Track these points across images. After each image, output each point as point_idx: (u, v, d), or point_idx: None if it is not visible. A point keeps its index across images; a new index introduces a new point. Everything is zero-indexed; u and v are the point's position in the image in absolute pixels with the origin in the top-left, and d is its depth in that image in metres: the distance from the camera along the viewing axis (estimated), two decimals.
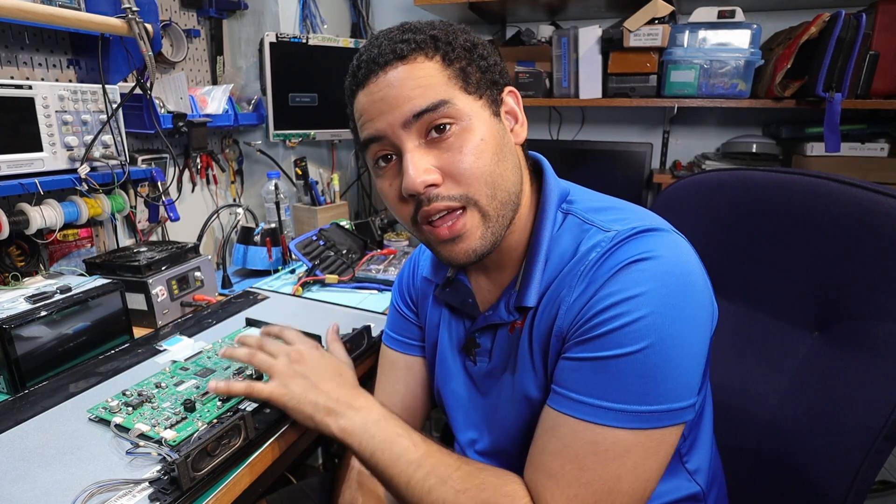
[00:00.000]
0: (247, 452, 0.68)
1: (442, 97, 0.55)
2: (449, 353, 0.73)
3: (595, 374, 0.52)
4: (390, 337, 0.83)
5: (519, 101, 0.63)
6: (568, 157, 1.82)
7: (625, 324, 0.51)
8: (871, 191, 0.66)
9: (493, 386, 0.69)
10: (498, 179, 0.57)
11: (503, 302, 0.65)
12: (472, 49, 0.59)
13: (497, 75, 0.60)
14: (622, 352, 0.51)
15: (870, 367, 0.63)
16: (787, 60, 1.41)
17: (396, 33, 0.58)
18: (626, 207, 0.63)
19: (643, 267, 0.52)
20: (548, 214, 0.62)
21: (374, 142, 0.58)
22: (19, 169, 1.01)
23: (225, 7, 1.58)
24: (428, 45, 0.56)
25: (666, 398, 0.51)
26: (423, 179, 0.55)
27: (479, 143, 0.56)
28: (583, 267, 0.56)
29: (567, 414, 0.53)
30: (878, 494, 1.49)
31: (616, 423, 0.51)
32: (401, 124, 0.55)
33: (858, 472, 0.61)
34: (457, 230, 0.57)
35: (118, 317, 0.97)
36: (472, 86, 0.57)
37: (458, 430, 0.75)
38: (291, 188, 1.75)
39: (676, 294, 0.52)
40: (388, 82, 0.55)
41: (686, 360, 0.52)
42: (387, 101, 0.56)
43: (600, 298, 0.53)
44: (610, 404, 0.51)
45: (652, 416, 0.51)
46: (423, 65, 0.56)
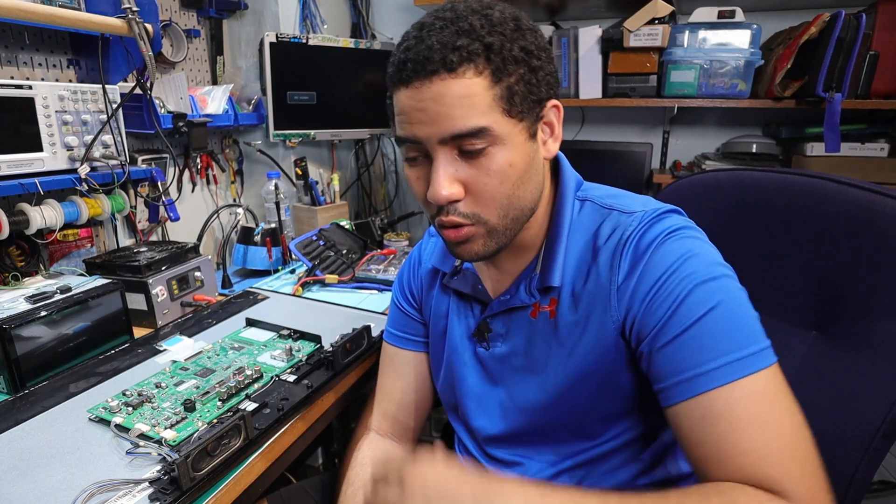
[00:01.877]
0: (247, 452, 0.68)
1: (482, 124, 0.54)
2: (459, 342, 0.75)
3: (700, 339, 0.53)
4: (391, 334, 0.84)
5: (560, 115, 0.62)
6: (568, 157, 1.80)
7: (694, 284, 0.54)
8: (870, 191, 0.66)
9: (508, 370, 0.70)
10: (515, 202, 0.59)
11: (522, 285, 0.67)
12: (525, 60, 0.56)
13: (544, 90, 0.58)
14: (709, 307, 0.53)
15: (868, 367, 0.63)
16: (787, 60, 1.41)
17: (450, 33, 0.54)
18: (636, 196, 0.67)
19: (679, 235, 0.58)
20: (567, 202, 0.65)
21: (409, 142, 0.58)
22: (19, 169, 1.01)
23: (225, 7, 1.59)
24: (480, 56, 0.54)
25: (760, 336, 0.53)
26: (447, 195, 0.56)
27: (507, 168, 0.57)
28: (620, 246, 0.60)
29: (709, 389, 0.51)
30: (878, 494, 1.49)
31: (751, 368, 0.51)
32: (438, 139, 0.55)
33: (856, 471, 0.61)
34: (461, 237, 0.60)
35: (118, 317, 0.97)
36: (515, 108, 0.56)
37: (471, 418, 0.75)
38: (291, 188, 1.75)
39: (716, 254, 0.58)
40: (433, 95, 0.54)
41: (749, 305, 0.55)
42: (428, 113, 0.55)
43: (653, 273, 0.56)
44: (732, 355, 0.51)
45: (765, 352, 0.52)
46: (470, 81, 0.53)
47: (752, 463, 0.49)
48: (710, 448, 0.51)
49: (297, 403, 0.76)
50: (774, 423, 0.50)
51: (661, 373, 0.55)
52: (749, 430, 0.49)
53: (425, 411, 0.85)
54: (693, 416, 0.52)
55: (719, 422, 0.50)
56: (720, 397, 0.51)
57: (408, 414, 0.83)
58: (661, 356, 0.55)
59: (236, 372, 0.81)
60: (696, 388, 0.52)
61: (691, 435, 0.53)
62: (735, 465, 0.49)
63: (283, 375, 0.83)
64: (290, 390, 0.79)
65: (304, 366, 0.85)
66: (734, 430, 0.50)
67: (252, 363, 0.87)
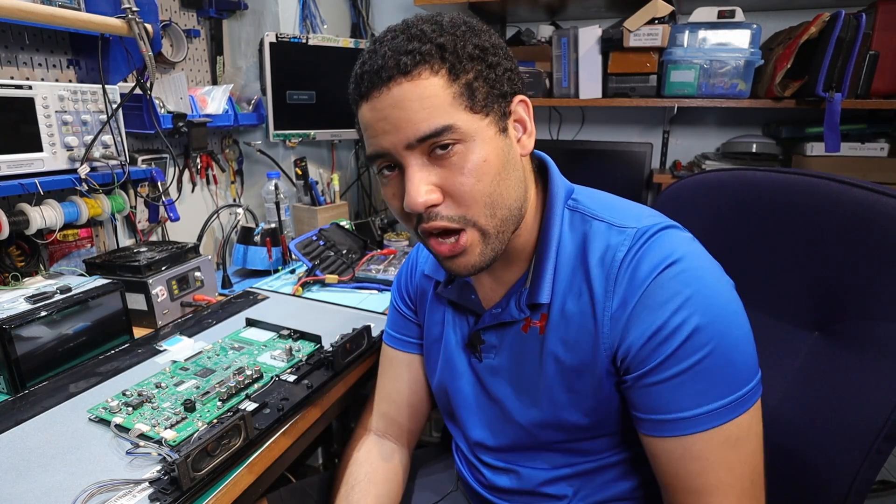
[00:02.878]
0: (247, 452, 0.68)
1: (445, 122, 0.53)
2: (454, 351, 0.74)
3: (692, 384, 0.54)
4: (390, 335, 0.84)
5: (529, 110, 0.61)
6: (568, 157, 1.82)
7: (693, 330, 0.54)
8: (872, 191, 0.65)
9: (502, 383, 0.69)
10: (498, 199, 0.57)
11: (513, 300, 0.65)
12: (481, 57, 0.56)
13: (506, 85, 0.58)
14: (702, 354, 0.54)
15: (870, 367, 0.63)
16: (787, 60, 1.41)
17: (401, 41, 0.54)
18: (631, 205, 0.65)
19: (677, 270, 0.56)
20: (555, 212, 0.63)
21: (378, 157, 0.58)
22: (19, 169, 1.01)
23: (225, 7, 1.58)
24: (434, 56, 0.53)
25: (750, 376, 0.55)
26: (423, 200, 0.55)
27: (482, 164, 0.55)
28: (613, 269, 0.58)
29: (693, 433, 0.55)
30: (879, 494, 1.49)
31: (733, 413, 0.54)
32: (404, 146, 0.55)
33: (858, 473, 0.61)
34: (458, 249, 0.58)
35: (118, 317, 0.97)
36: (478, 104, 0.55)
37: (468, 429, 0.75)
38: (291, 188, 1.75)
39: (715, 282, 0.56)
40: (392, 101, 0.54)
41: (746, 337, 0.56)
42: (390, 121, 0.54)
43: (650, 317, 0.55)
44: (720, 402, 0.54)
45: (749, 394, 0.55)
46: (427, 82, 0.53)
47: (708, 492, 0.55)
48: (682, 482, 0.57)
49: (297, 403, 0.76)
50: (739, 466, 0.55)
51: (644, 406, 0.58)
52: (719, 471, 0.55)
53: (424, 413, 0.85)
54: (673, 454, 0.57)
55: (695, 462, 0.55)
56: (701, 440, 0.55)
57: (406, 415, 0.83)
58: (649, 392, 0.57)
59: (236, 372, 0.81)
60: (680, 430, 0.55)
61: (668, 467, 0.58)
62: (699, 500, 0.56)
63: (283, 375, 0.82)
64: (290, 390, 0.79)
65: (304, 366, 0.85)
66: (707, 469, 0.55)
67: (252, 363, 0.87)
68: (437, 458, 0.94)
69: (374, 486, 0.76)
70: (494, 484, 0.73)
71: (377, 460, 0.79)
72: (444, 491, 0.86)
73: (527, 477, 0.70)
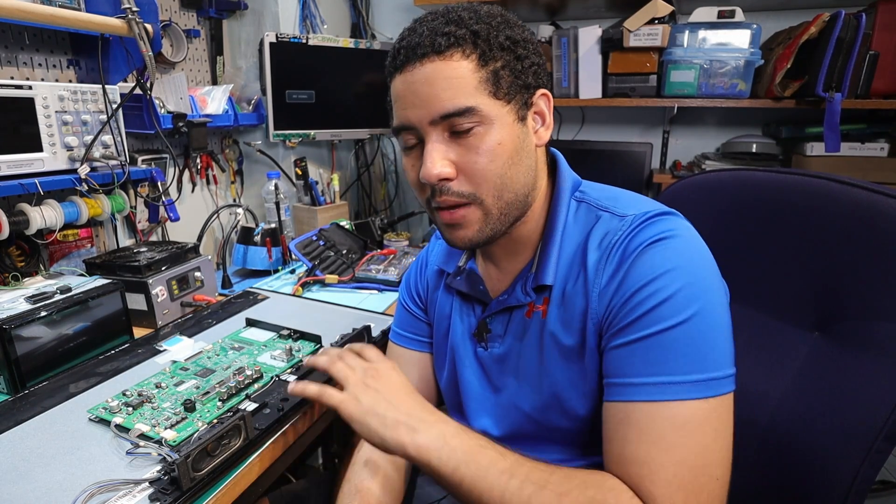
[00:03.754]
0: (247, 452, 0.68)
1: (469, 104, 0.57)
2: (460, 341, 0.75)
3: (650, 351, 0.54)
4: (397, 334, 0.85)
5: (550, 104, 0.64)
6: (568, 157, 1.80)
7: (665, 298, 0.54)
8: (872, 191, 0.66)
9: (506, 371, 0.71)
10: (508, 182, 0.60)
11: (519, 285, 0.68)
12: (511, 48, 0.59)
13: (531, 78, 0.61)
14: (669, 324, 0.53)
15: (870, 368, 0.63)
16: (787, 60, 1.41)
17: (440, 22, 0.58)
18: (635, 196, 0.66)
19: (666, 245, 0.57)
20: (562, 201, 0.66)
21: (403, 129, 0.61)
22: (19, 169, 1.01)
23: (225, 7, 1.59)
24: (467, 41, 0.57)
25: (720, 364, 0.53)
26: (437, 172, 0.58)
27: (496, 147, 0.58)
28: (608, 250, 0.60)
29: (636, 400, 0.54)
30: (879, 494, 1.49)
31: (686, 394, 0.52)
32: (428, 121, 0.58)
33: (858, 473, 0.61)
34: (456, 219, 0.61)
35: (118, 317, 0.97)
36: (501, 91, 0.58)
37: (472, 418, 0.76)
38: (291, 188, 1.75)
39: (702, 267, 0.56)
40: (423, 76, 0.57)
41: (724, 326, 0.55)
42: (419, 95, 0.58)
43: (633, 280, 0.56)
44: (673, 377, 0.53)
45: (714, 382, 0.53)
46: (458, 64, 0.57)
47: (641, 474, 0.52)
48: (615, 446, 0.55)
49: (297, 403, 0.76)
50: (681, 450, 0.52)
51: (607, 369, 0.58)
52: (653, 447, 0.52)
53: None
54: (615, 417, 0.56)
55: (631, 429, 0.54)
56: (643, 410, 0.53)
57: None
58: (612, 355, 0.58)
59: (236, 372, 0.81)
60: (627, 395, 0.55)
61: (608, 432, 0.57)
62: (627, 469, 0.53)
63: (283, 375, 0.83)
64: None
65: (304, 366, 0.85)
66: (641, 441, 0.53)
67: (252, 363, 0.87)
68: None
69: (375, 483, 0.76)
70: None
71: (379, 458, 0.80)
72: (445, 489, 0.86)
73: None
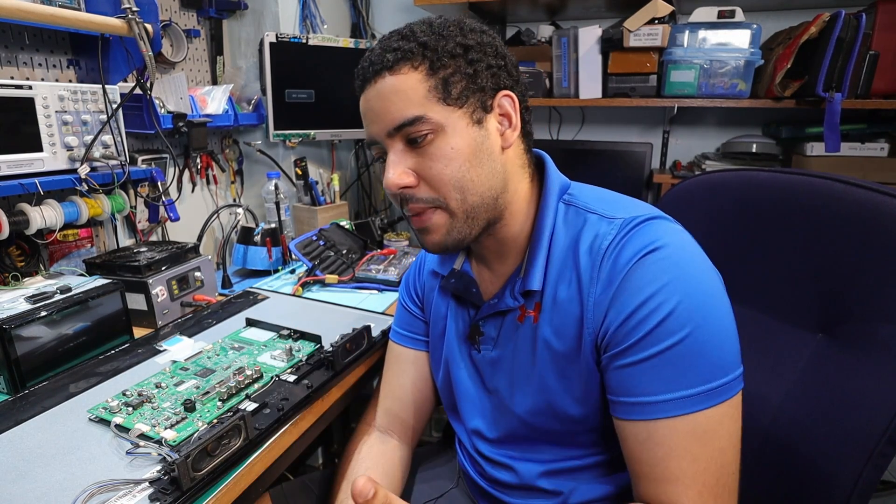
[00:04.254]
0: (247, 452, 0.68)
1: (417, 113, 0.59)
2: (455, 343, 0.76)
3: (662, 368, 0.55)
4: (397, 333, 0.86)
5: (515, 105, 0.64)
6: (568, 157, 1.82)
7: (666, 314, 0.54)
8: (876, 191, 0.65)
9: (499, 374, 0.71)
10: (469, 185, 0.61)
11: (508, 289, 0.68)
12: (462, 54, 0.60)
13: (488, 81, 0.61)
14: (675, 340, 0.54)
15: (874, 370, 0.62)
16: (787, 60, 1.41)
17: (392, 39, 0.61)
18: (624, 199, 0.66)
19: (658, 257, 0.57)
20: (549, 204, 0.66)
21: (372, 144, 0.65)
22: (19, 169, 1.01)
23: (225, 7, 1.58)
24: (415, 53, 0.59)
25: (726, 369, 0.55)
26: (397, 182, 0.61)
27: (450, 152, 0.60)
28: (598, 256, 0.60)
29: (657, 418, 0.55)
30: (879, 495, 1.49)
31: (703, 405, 0.54)
32: (385, 134, 0.61)
33: (862, 475, 0.60)
34: (422, 223, 0.63)
35: (118, 317, 0.97)
36: (452, 97, 0.59)
37: (466, 419, 0.77)
38: (291, 188, 1.75)
39: (696, 274, 0.57)
40: (377, 93, 0.60)
41: (726, 329, 0.56)
42: (374, 111, 0.61)
43: (630, 297, 0.57)
44: (689, 391, 0.54)
45: (724, 387, 0.54)
46: (407, 76, 0.59)
47: (677, 492, 0.54)
48: (645, 467, 0.57)
49: (297, 403, 0.76)
50: (704, 459, 0.54)
51: (616, 388, 0.58)
52: (681, 461, 0.54)
53: (427, 410, 0.85)
54: (638, 437, 0.57)
55: (658, 447, 0.55)
56: (666, 427, 0.55)
57: (409, 412, 0.83)
58: (619, 374, 0.58)
59: (236, 372, 0.81)
60: (646, 414, 0.56)
61: (633, 451, 0.58)
62: (660, 488, 0.55)
63: (283, 375, 0.82)
64: (290, 390, 0.79)
65: (304, 366, 0.85)
66: (669, 458, 0.55)
67: (252, 363, 0.87)
68: (439, 455, 0.95)
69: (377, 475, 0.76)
70: (495, 477, 0.74)
71: (378, 456, 0.80)
72: (445, 487, 0.87)
73: (526, 473, 0.71)
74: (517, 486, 0.72)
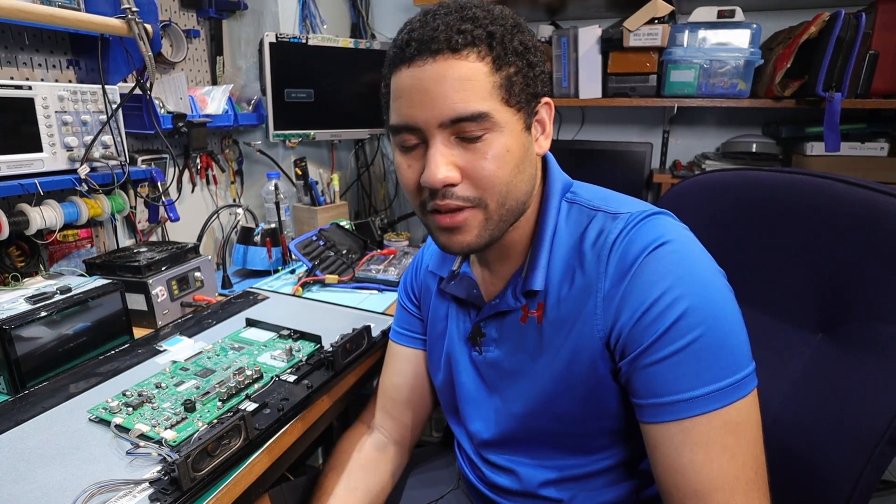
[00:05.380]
0: (247, 453, 0.68)
1: (483, 109, 0.54)
2: (457, 345, 0.75)
3: (686, 365, 0.53)
4: (396, 332, 0.86)
5: (551, 113, 0.63)
6: (568, 156, 1.82)
7: (683, 309, 0.53)
8: (877, 191, 0.65)
9: (500, 375, 0.71)
10: (513, 189, 0.59)
11: (510, 289, 0.67)
12: (524, 54, 0.57)
13: (539, 86, 0.60)
14: (696, 335, 0.53)
15: (875, 370, 0.62)
16: (786, 60, 1.40)
17: (455, 18, 0.55)
18: (624, 197, 0.66)
19: (666, 252, 0.56)
20: (552, 203, 0.65)
21: (405, 130, 0.58)
22: (19, 169, 1.00)
23: (225, 7, 1.58)
24: (483, 42, 0.55)
25: (745, 361, 0.54)
26: (443, 177, 0.56)
27: (505, 154, 0.57)
28: (604, 249, 0.59)
29: (693, 416, 0.53)
30: (880, 494, 1.49)
31: (733, 396, 0.53)
32: (437, 123, 0.55)
33: (862, 475, 0.60)
34: (457, 222, 0.59)
35: (118, 317, 0.97)
36: (513, 98, 0.57)
37: (468, 422, 0.76)
38: (291, 188, 1.75)
39: (705, 268, 0.56)
40: (436, 74, 0.54)
41: (739, 322, 0.55)
42: (430, 94, 0.55)
43: (642, 294, 0.55)
44: (717, 385, 0.52)
45: (746, 379, 0.54)
46: (473, 65, 0.54)
47: (715, 489, 0.53)
48: (684, 477, 0.54)
49: (297, 403, 0.76)
50: (742, 454, 0.53)
51: (643, 390, 0.56)
52: (722, 461, 0.52)
53: (424, 411, 0.85)
54: (673, 440, 0.54)
55: (697, 449, 0.53)
56: (701, 424, 0.53)
57: (406, 412, 0.83)
58: (645, 374, 0.56)
59: (236, 372, 0.81)
60: (679, 413, 0.54)
61: (669, 460, 0.55)
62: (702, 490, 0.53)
63: (283, 375, 0.82)
64: (290, 390, 0.79)
65: (304, 366, 0.85)
66: (710, 460, 0.53)
67: (252, 363, 0.87)
68: (438, 456, 0.94)
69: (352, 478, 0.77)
70: (495, 482, 0.74)
71: (366, 451, 0.80)
72: (444, 488, 0.87)
73: (525, 478, 0.70)
74: (518, 492, 0.71)
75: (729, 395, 0.53)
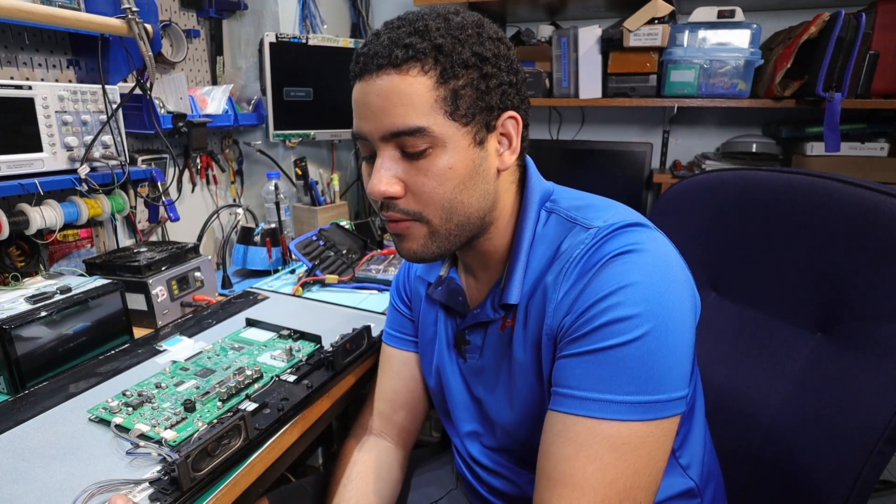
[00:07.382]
0: (247, 452, 0.68)
1: (421, 124, 0.54)
2: (445, 351, 0.75)
3: (597, 366, 0.52)
4: (389, 335, 0.85)
5: (518, 128, 0.60)
6: (568, 157, 1.82)
7: (619, 315, 0.51)
8: (876, 191, 0.65)
9: (486, 384, 0.70)
10: (458, 206, 0.58)
11: (489, 300, 0.66)
12: (477, 65, 0.55)
13: (497, 99, 0.57)
14: (620, 341, 0.51)
15: (873, 369, 0.62)
16: (787, 60, 1.41)
17: (403, 32, 0.55)
18: (608, 205, 0.63)
19: (628, 259, 0.54)
20: (529, 215, 0.63)
21: (358, 138, 0.60)
22: (19, 169, 1.00)
23: (225, 7, 1.59)
24: (428, 56, 0.54)
25: (667, 387, 0.51)
26: (382, 191, 0.57)
27: (447, 171, 0.56)
28: (567, 264, 0.57)
29: (578, 414, 0.52)
30: (879, 494, 1.49)
31: (627, 415, 0.50)
32: (379, 136, 0.57)
33: (860, 475, 0.60)
34: (400, 229, 0.60)
35: (118, 317, 0.97)
36: (459, 112, 0.55)
37: (460, 427, 0.76)
38: (291, 188, 1.75)
39: (663, 284, 0.53)
40: (378, 89, 0.55)
41: (679, 348, 0.52)
42: (371, 108, 0.56)
43: (590, 293, 0.54)
44: (618, 396, 0.50)
45: (658, 405, 0.51)
46: (415, 79, 0.54)
47: (571, 496, 0.50)
48: (550, 461, 0.53)
49: (297, 403, 0.76)
50: (613, 472, 0.50)
51: (557, 377, 0.56)
52: (588, 466, 0.50)
53: (421, 411, 0.85)
54: (554, 427, 0.54)
55: (569, 444, 0.52)
56: (583, 425, 0.51)
57: (403, 415, 0.83)
58: (560, 364, 0.55)
59: (236, 372, 0.81)
60: (569, 407, 0.53)
61: (544, 443, 0.54)
62: (557, 491, 0.52)
63: (283, 375, 0.82)
64: (290, 390, 0.79)
65: (304, 366, 0.85)
66: (577, 458, 0.51)
67: (252, 363, 0.87)
68: (438, 456, 0.94)
69: (366, 484, 0.76)
70: (491, 484, 0.74)
71: (371, 459, 0.80)
72: (444, 489, 0.86)
73: (520, 483, 0.70)
74: (515, 496, 0.71)
75: (626, 413, 0.50)
